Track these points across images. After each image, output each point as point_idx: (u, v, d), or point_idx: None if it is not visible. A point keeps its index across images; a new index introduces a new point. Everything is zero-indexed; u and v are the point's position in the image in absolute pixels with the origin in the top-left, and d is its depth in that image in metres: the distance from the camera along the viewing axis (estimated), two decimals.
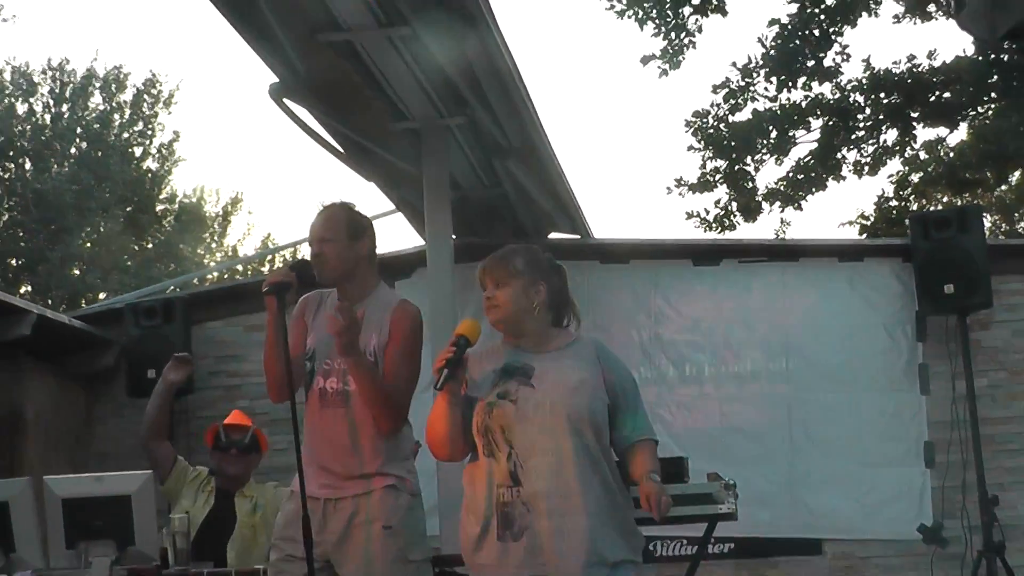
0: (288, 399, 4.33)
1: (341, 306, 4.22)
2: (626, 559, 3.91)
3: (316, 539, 4.21)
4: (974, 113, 16.87)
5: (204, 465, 6.25)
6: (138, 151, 25.72)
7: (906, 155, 17.45)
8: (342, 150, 8.03)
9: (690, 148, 17.54)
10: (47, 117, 24.74)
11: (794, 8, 16.59)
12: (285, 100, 7.21)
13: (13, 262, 24.00)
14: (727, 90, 17.14)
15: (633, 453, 3.99)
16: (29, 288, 23.29)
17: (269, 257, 24.27)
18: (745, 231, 17.63)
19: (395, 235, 40.29)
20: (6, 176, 23.74)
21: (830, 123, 16.85)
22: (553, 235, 9.57)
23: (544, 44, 42.25)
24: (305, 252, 13.63)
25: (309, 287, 4.52)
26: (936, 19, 17.16)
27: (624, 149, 44.75)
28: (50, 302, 21.15)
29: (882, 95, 16.63)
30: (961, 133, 17.57)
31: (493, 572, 3.96)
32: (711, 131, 17.34)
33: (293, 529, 4.30)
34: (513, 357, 4.08)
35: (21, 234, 23.55)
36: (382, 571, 4.28)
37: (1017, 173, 18.62)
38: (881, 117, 16.81)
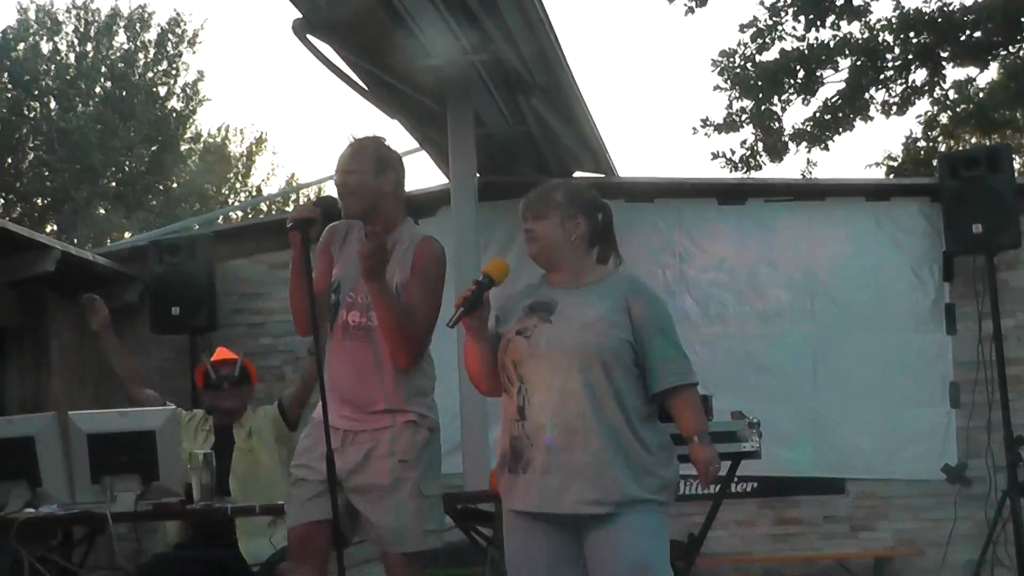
0: (310, 334, 4.33)
1: (371, 230, 4.21)
2: (636, 498, 3.86)
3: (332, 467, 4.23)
4: (1005, 53, 16.66)
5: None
6: (163, 90, 25.70)
7: (935, 95, 17.28)
8: (366, 87, 7.98)
9: (716, 88, 17.42)
10: (72, 56, 24.73)
11: None
12: (309, 36, 7.15)
13: (39, 201, 24.09)
14: (755, 29, 16.98)
15: (672, 403, 3.95)
16: (55, 227, 23.37)
17: (293, 196, 24.29)
18: (771, 172, 17.54)
19: (419, 173, 40.25)
20: (31, 116, 23.76)
21: (858, 63, 16.67)
22: (577, 173, 9.52)
23: None
24: (330, 190, 13.60)
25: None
26: None
27: (650, 88, 44.54)
28: (75, 241, 21.21)
29: (911, 34, 16.44)
30: (991, 73, 17.39)
31: (508, 503, 4.05)
32: (738, 71, 17.19)
33: (308, 457, 4.35)
34: (542, 293, 4.09)
35: (47, 173, 23.60)
36: (397, 504, 4.30)
37: None
38: (910, 57, 16.62)
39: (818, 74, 16.87)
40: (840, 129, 17.11)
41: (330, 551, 4.26)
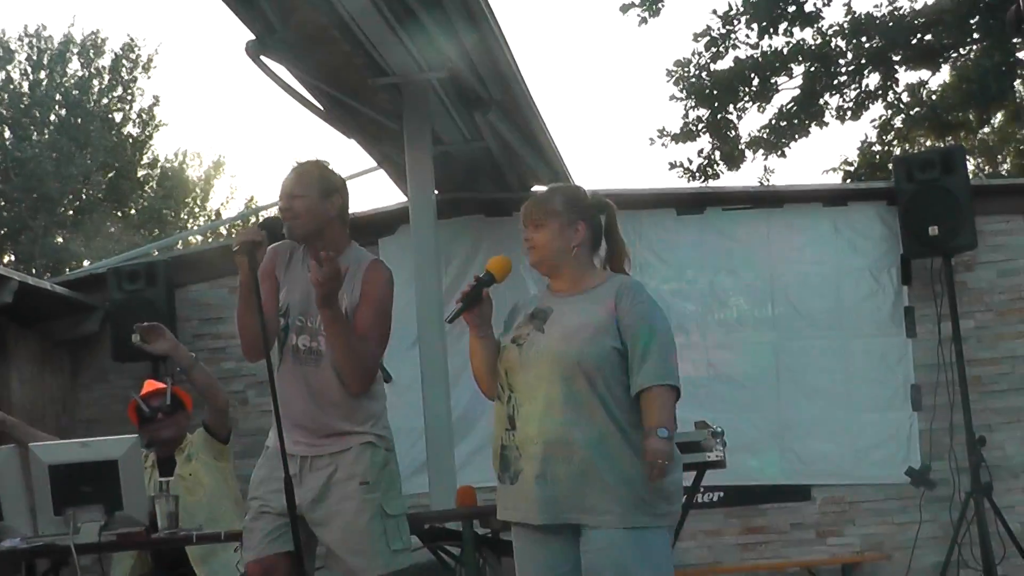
0: (263, 358, 4.30)
1: (326, 255, 4.14)
2: (629, 510, 3.77)
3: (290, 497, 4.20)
4: (955, 55, 16.81)
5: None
6: (118, 117, 25.59)
7: (888, 99, 17.41)
8: (322, 107, 7.97)
9: (672, 98, 17.49)
10: (25, 84, 24.60)
11: None
12: (263, 57, 7.13)
13: None
14: (708, 38, 17.06)
15: (642, 402, 3.86)
16: (12, 257, 23.21)
17: (252, 219, 24.18)
18: (729, 180, 17.61)
19: (378, 192, 40.23)
20: None
21: (812, 69, 16.78)
22: (536, 188, 9.53)
23: None
24: None
25: None
26: None
27: (606, 100, 44.66)
28: (34, 271, 21.07)
29: (863, 39, 16.56)
30: (943, 75, 17.54)
31: (502, 513, 4.01)
32: (693, 80, 17.27)
33: (264, 489, 4.31)
34: (543, 301, 4.07)
35: (3, 203, 23.44)
36: (363, 527, 4.28)
37: (1000, 114, 18.59)
38: (863, 61, 16.75)
39: (772, 81, 16.97)
40: (796, 135, 17.21)
41: None
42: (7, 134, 23.77)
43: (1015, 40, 14.09)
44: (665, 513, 3.87)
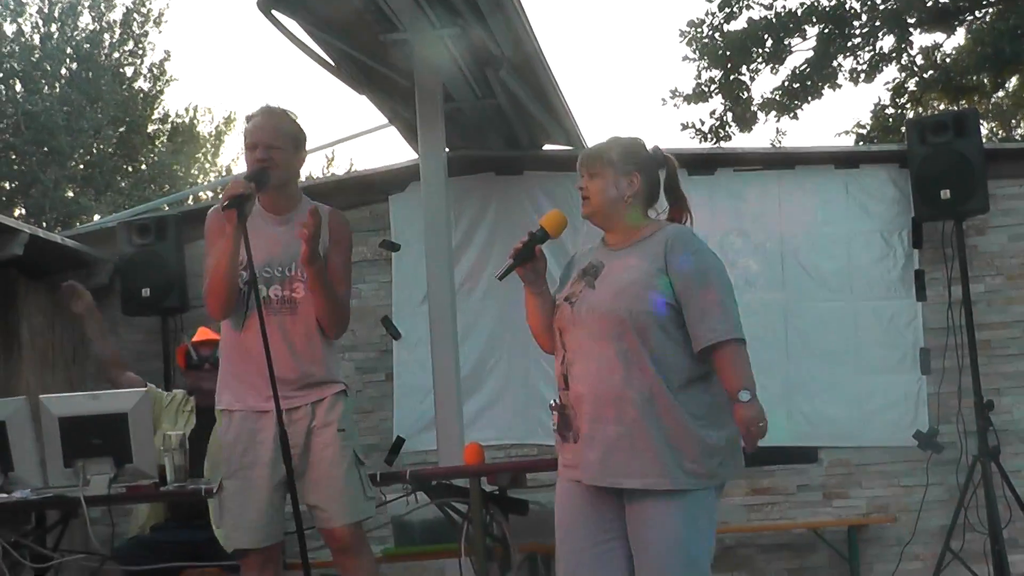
0: (229, 315, 4.43)
1: (313, 210, 4.30)
2: (678, 472, 3.74)
3: (277, 455, 4.25)
4: (971, 18, 16.72)
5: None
6: (129, 71, 25.53)
7: (902, 62, 17.34)
8: (333, 63, 7.94)
9: (685, 58, 17.46)
10: (36, 37, 24.51)
11: None
12: (274, 12, 7.11)
13: (6, 185, 23.91)
14: None
15: (714, 362, 3.83)
16: (23, 211, 23.22)
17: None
18: (740, 141, 17.58)
19: (388, 149, 40.19)
20: None
21: (826, 30, 16.71)
22: (547, 146, 9.51)
23: None
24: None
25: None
26: None
27: (619, 59, 44.51)
28: (44, 224, 21.07)
29: (878, 1, 16.48)
30: (958, 38, 17.46)
31: (562, 473, 3.97)
32: (706, 41, 17.23)
33: (252, 455, 4.35)
34: (596, 255, 4.04)
35: (13, 156, 23.42)
36: (342, 474, 4.40)
37: (1014, 79, 18.50)
38: (877, 23, 16.67)
39: (786, 43, 16.91)
40: (809, 97, 17.17)
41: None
42: (18, 87, 23.72)
43: None
44: (713, 473, 3.82)
